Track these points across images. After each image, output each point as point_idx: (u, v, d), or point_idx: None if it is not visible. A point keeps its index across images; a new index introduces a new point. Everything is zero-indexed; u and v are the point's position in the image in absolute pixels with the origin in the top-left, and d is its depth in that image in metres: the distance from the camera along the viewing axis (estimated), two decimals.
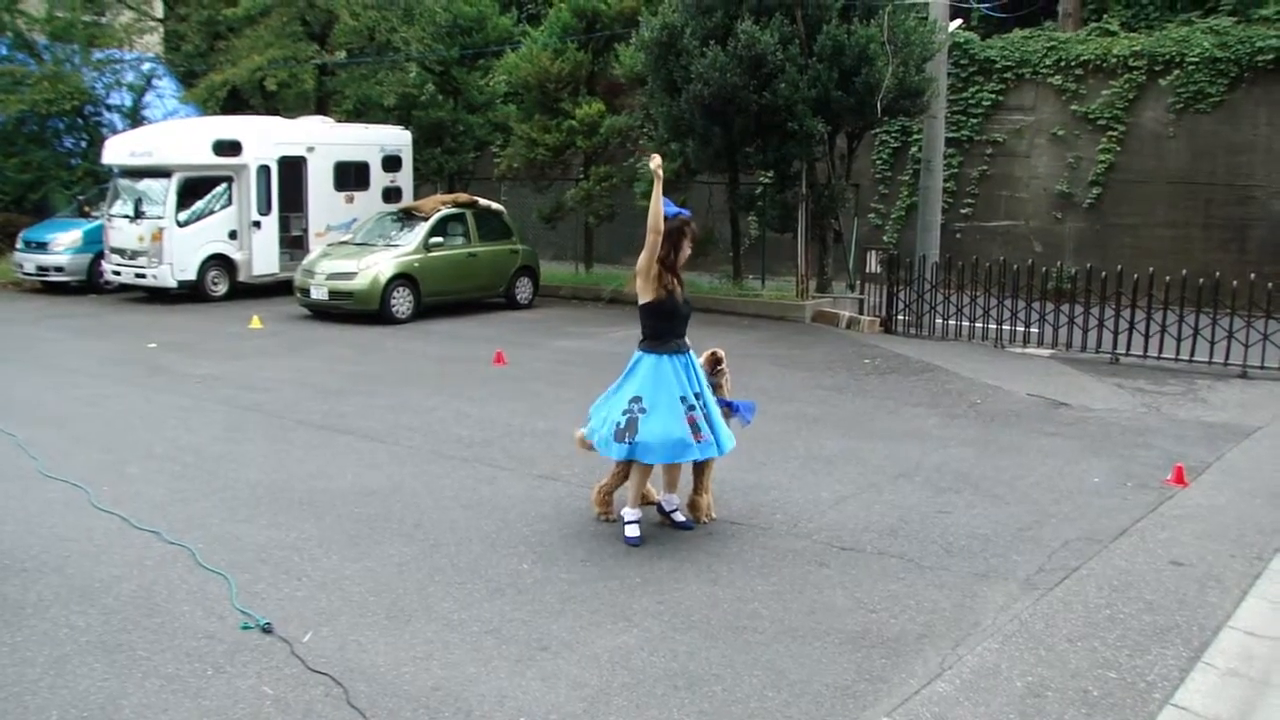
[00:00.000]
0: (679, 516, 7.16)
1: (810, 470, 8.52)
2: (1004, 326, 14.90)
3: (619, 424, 6.64)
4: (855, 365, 13.37)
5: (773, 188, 18.52)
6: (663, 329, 6.78)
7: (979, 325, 15.21)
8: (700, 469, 7.16)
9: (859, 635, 5.44)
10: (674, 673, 5.03)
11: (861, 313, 17.08)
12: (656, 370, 6.69)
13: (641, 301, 6.80)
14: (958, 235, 21.61)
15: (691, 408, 6.64)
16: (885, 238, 22.46)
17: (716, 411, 6.91)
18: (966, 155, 22.07)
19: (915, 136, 21.35)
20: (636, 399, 6.65)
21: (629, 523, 6.89)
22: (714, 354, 7.33)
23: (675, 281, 6.82)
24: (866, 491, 7.97)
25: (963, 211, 22.06)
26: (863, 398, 11.46)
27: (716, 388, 7.20)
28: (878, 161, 23.02)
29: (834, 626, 5.54)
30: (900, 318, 16.23)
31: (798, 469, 8.54)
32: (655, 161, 6.65)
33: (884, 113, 16.66)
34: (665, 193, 6.90)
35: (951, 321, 15.52)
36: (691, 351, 6.93)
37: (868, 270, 17.25)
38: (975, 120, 21.90)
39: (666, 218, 6.73)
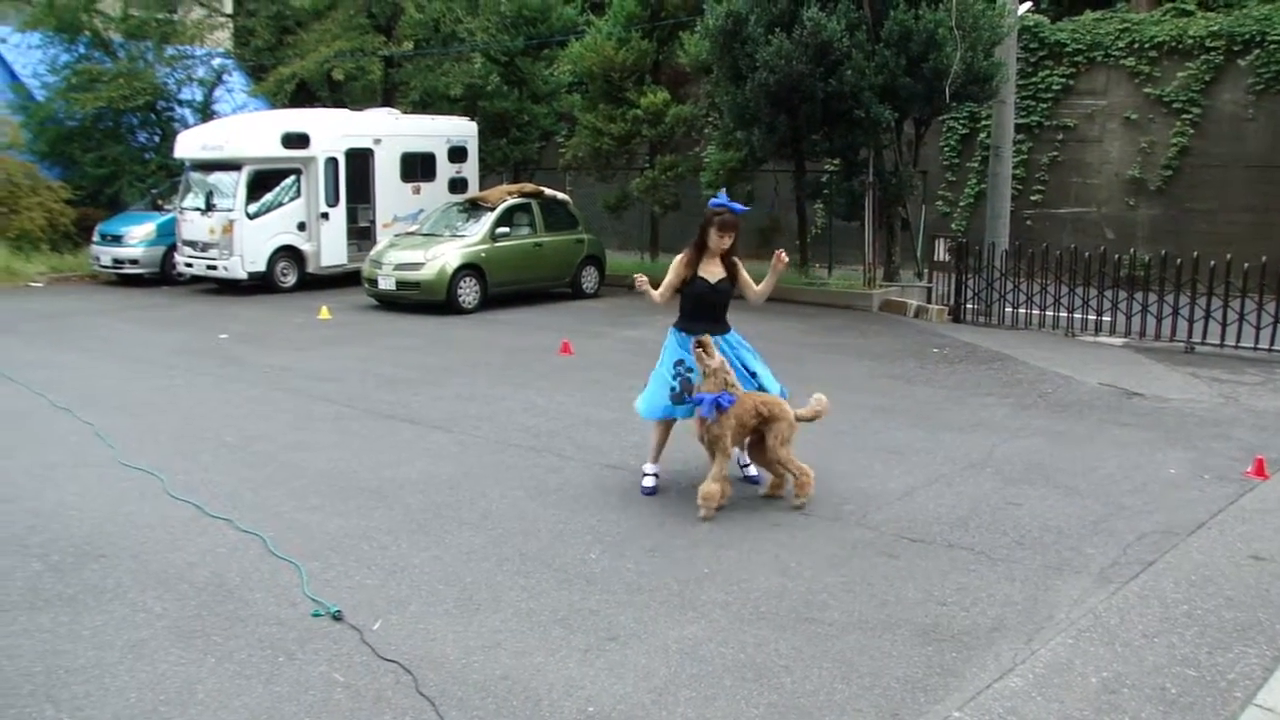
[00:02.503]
0: (750, 471, 7.79)
1: (879, 461, 8.45)
2: (1075, 315, 14.68)
3: (674, 389, 7.25)
4: (923, 354, 13.24)
5: (839, 176, 18.36)
6: (687, 310, 7.52)
7: (1049, 314, 14.99)
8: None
9: (929, 628, 5.38)
10: (742, 664, 5.01)
11: (930, 301, 16.90)
12: (681, 344, 7.37)
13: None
14: (1027, 222, 21.29)
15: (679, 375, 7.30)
16: (953, 225, 22.18)
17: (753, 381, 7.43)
18: (1036, 141, 21.71)
19: (984, 122, 21.04)
20: (680, 362, 7.32)
21: (647, 475, 7.68)
22: (698, 340, 7.11)
23: (716, 266, 7.42)
24: (936, 482, 7.88)
25: (1032, 198, 21.72)
26: (931, 387, 11.33)
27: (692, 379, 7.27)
28: (945, 148, 22.73)
29: (904, 619, 5.49)
30: (969, 306, 16.04)
31: (866, 459, 8.47)
32: (639, 283, 7.43)
33: (952, 99, 16.45)
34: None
35: (1021, 310, 15.31)
36: (732, 333, 7.55)
37: (936, 258, 17.05)
38: (1045, 105, 21.54)
39: (709, 208, 7.44)
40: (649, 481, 7.61)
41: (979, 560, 6.32)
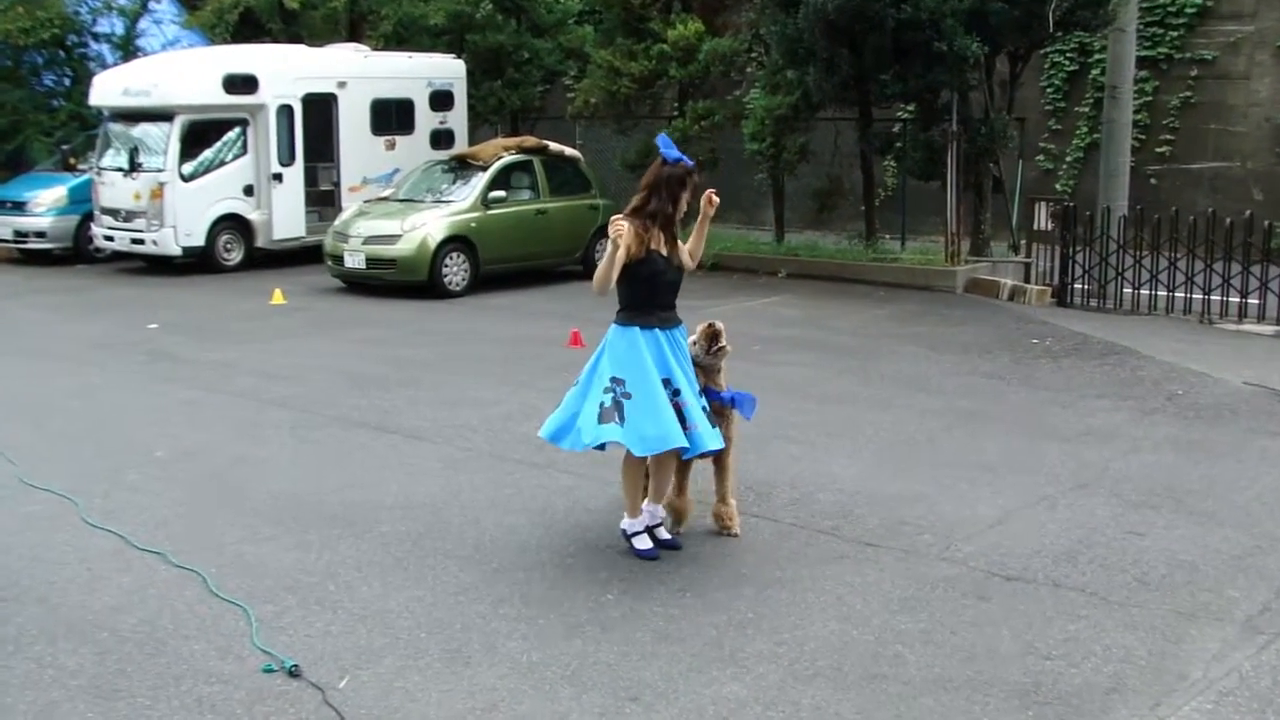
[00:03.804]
0: (663, 534, 7.21)
1: (965, 479, 8.43)
2: (1213, 296, 14.59)
3: (603, 404, 6.76)
4: (1020, 346, 13.21)
5: (915, 124, 18.30)
6: (640, 296, 6.92)
7: (1179, 295, 14.92)
8: (719, 471, 7.29)
9: (1030, 688, 5.36)
10: None
11: (1028, 280, 16.84)
12: (633, 347, 6.84)
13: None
14: (1152, 181, 21.20)
15: (677, 392, 6.76)
16: (1058, 185, 22.11)
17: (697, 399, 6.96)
18: (1164, 78, 21.59)
19: (1097, 56, 20.95)
20: (618, 380, 6.79)
21: (633, 535, 7.03)
22: (711, 326, 7.18)
23: (665, 241, 6.92)
24: (1037, 506, 7.86)
25: (1158, 151, 21.62)
26: (1030, 388, 11.30)
27: (715, 371, 7.21)
28: (1048, 89, 22.64)
29: (997, 676, 5.47)
30: (1078, 286, 15.98)
31: (949, 477, 8.45)
32: (614, 229, 6.74)
33: (1057, 27, 16.37)
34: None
35: (1144, 291, 15.23)
36: (683, 326, 7.07)
37: (1036, 227, 16.99)
38: (1176, 33, 21.41)
39: (665, 162, 6.88)
40: (665, 533, 7.27)
41: (1092, 603, 6.29)
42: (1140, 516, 7.66)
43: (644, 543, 7.01)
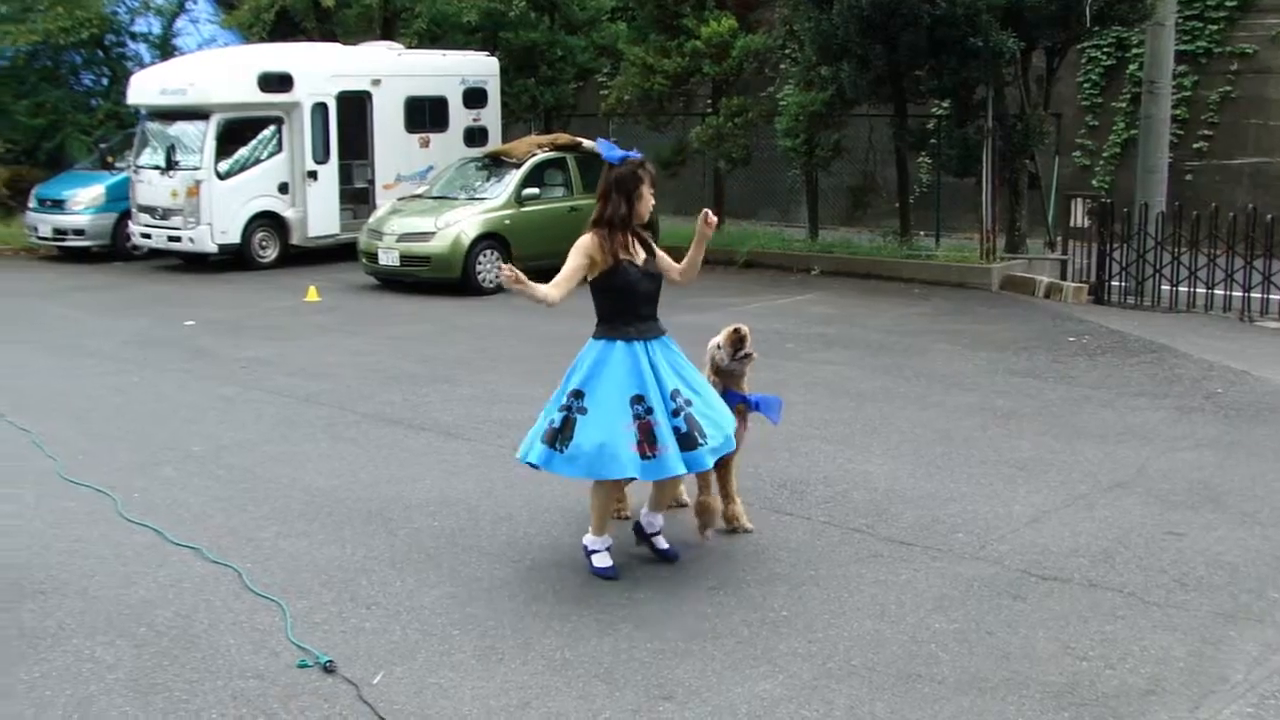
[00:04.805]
0: (661, 543, 6.96)
1: (1000, 477, 8.39)
2: (1253, 294, 14.48)
3: (553, 422, 6.50)
4: (1057, 344, 13.14)
5: (950, 121, 18.23)
6: (614, 309, 6.62)
7: (1219, 293, 14.81)
8: (723, 473, 7.12)
9: (1065, 689, 5.33)
10: None
11: (1064, 278, 16.75)
12: (604, 360, 6.56)
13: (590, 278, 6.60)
14: (1189, 177, 21.04)
15: (650, 410, 6.38)
16: (1095, 182, 21.98)
17: (698, 416, 6.53)
18: (1203, 73, 21.43)
19: (1135, 51, 20.82)
20: (578, 394, 6.50)
21: (593, 552, 6.72)
22: (737, 331, 7.02)
23: (634, 245, 6.60)
24: (1073, 505, 7.81)
25: (1196, 146, 21.46)
26: (1067, 385, 11.25)
27: (739, 376, 7.15)
28: (1085, 85, 22.52)
29: (1033, 677, 5.44)
30: (1115, 284, 15.90)
31: (984, 475, 8.42)
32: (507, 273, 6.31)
33: (1094, 21, 16.30)
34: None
35: (1183, 288, 15.14)
36: (666, 337, 6.70)
37: (1072, 224, 16.90)
38: (1216, 27, 21.25)
39: (611, 164, 6.60)
40: (664, 543, 7.00)
41: (1129, 604, 6.25)
42: (1179, 516, 7.60)
43: (603, 560, 6.70)
